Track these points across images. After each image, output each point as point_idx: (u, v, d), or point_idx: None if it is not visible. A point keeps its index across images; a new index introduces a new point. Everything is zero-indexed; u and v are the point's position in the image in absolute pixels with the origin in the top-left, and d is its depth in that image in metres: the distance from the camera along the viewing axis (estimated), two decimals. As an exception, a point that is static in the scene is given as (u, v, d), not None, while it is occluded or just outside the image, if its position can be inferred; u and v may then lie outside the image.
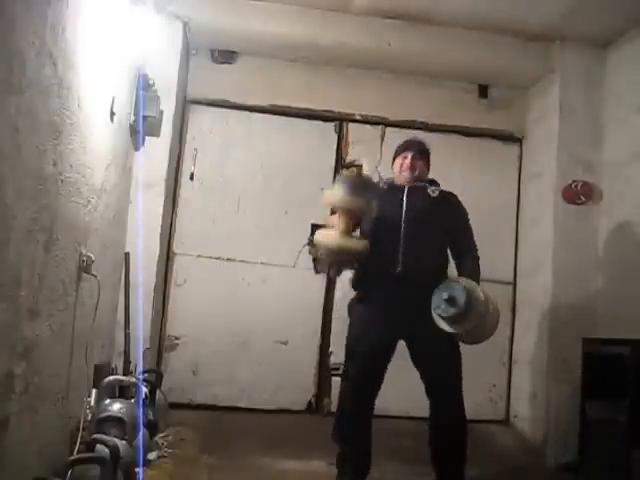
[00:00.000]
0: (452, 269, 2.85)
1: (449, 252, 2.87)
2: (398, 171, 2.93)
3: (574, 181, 3.81)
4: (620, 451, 2.82)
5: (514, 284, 4.26)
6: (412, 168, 2.89)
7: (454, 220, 2.87)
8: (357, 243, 2.68)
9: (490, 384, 4.14)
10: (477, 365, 2.79)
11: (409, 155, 2.91)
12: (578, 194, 3.80)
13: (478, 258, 2.84)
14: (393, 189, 2.90)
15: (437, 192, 2.85)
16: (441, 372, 2.71)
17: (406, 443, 3.35)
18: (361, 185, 2.70)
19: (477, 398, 2.84)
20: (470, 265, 2.80)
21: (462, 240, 2.86)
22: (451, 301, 2.54)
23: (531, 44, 3.98)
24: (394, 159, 2.99)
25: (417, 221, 2.76)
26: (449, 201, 2.89)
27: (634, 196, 3.54)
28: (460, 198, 2.94)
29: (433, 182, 2.93)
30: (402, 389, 2.77)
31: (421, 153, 2.95)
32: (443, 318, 2.57)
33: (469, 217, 2.91)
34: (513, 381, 4.17)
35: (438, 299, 2.58)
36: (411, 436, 3.38)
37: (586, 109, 3.90)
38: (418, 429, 2.90)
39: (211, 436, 3.36)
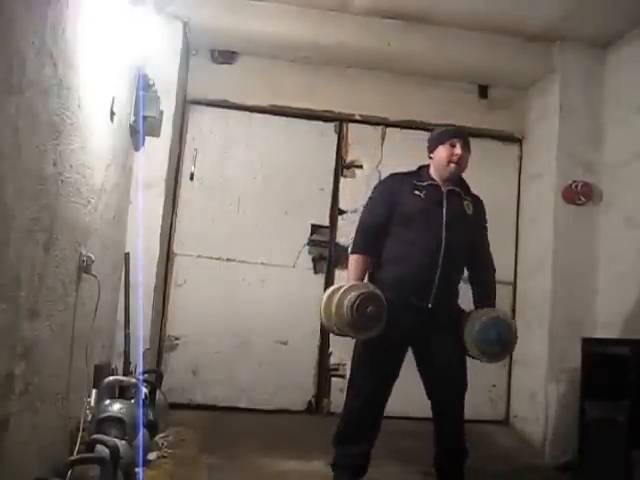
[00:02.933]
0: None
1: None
2: (445, 161, 2.67)
3: (574, 181, 3.80)
4: (620, 451, 2.82)
5: (514, 284, 4.26)
6: (462, 160, 2.68)
7: (479, 229, 2.79)
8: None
9: (490, 384, 4.14)
10: (477, 365, 2.78)
11: (458, 144, 2.67)
12: (578, 194, 3.80)
13: (495, 272, 2.82)
14: (431, 191, 2.68)
15: (471, 207, 2.73)
16: (451, 386, 2.70)
17: (406, 443, 3.35)
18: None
19: (477, 398, 2.84)
20: (491, 283, 2.80)
21: (482, 251, 2.80)
22: (499, 341, 2.62)
23: (531, 44, 3.98)
24: (437, 144, 2.73)
25: (456, 231, 2.62)
26: (478, 209, 2.78)
27: (634, 196, 3.54)
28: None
29: (464, 186, 2.78)
30: (402, 389, 2.77)
31: (468, 144, 2.73)
32: (483, 354, 2.64)
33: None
34: (513, 381, 4.17)
35: (483, 336, 2.60)
36: (411, 436, 3.38)
37: (586, 109, 3.90)
38: (418, 429, 2.91)
39: (211, 436, 3.36)
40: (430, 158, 2.79)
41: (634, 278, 3.43)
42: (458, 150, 2.67)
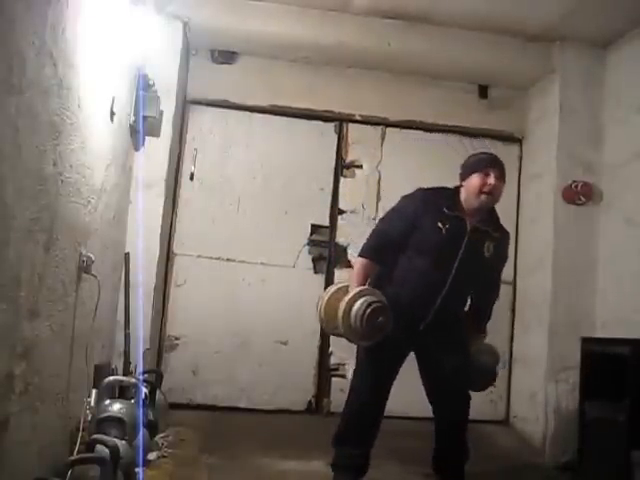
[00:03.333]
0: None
1: None
2: (478, 190, 2.57)
3: (574, 181, 3.80)
4: (619, 451, 2.82)
5: (514, 284, 4.26)
6: (495, 190, 2.59)
7: (495, 267, 2.77)
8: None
9: (490, 384, 4.14)
10: (477, 365, 2.79)
11: (492, 174, 2.58)
12: (578, 194, 3.79)
13: (497, 297, 2.90)
14: (455, 225, 2.59)
15: (492, 248, 2.65)
16: (455, 384, 2.70)
17: (406, 443, 3.34)
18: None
19: (477, 398, 2.83)
20: (489, 307, 2.86)
21: (491, 278, 2.81)
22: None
23: (531, 44, 3.98)
24: (470, 172, 2.62)
25: (465, 274, 2.60)
26: (501, 248, 2.74)
27: (634, 196, 3.54)
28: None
29: (492, 221, 2.71)
30: (402, 389, 2.77)
31: (503, 174, 2.64)
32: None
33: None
34: (513, 381, 4.16)
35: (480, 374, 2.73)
36: (411, 436, 3.38)
37: (586, 109, 3.90)
38: (418, 429, 2.91)
39: (211, 436, 3.36)
40: (461, 185, 2.67)
41: (634, 278, 3.43)
42: (492, 180, 2.57)
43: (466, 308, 2.83)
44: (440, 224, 2.57)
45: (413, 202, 2.67)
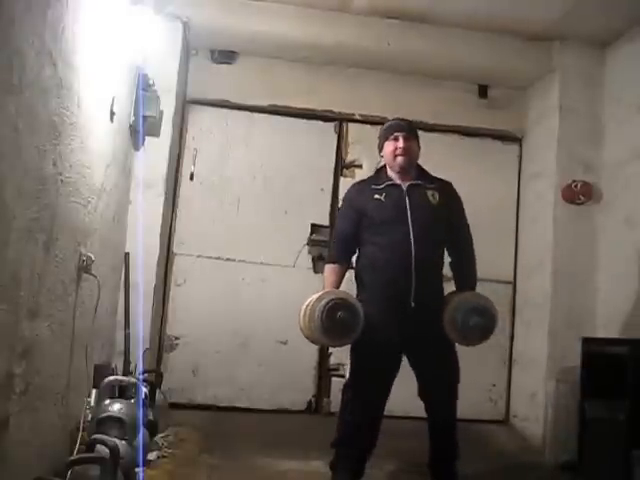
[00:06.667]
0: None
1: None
2: (391, 156, 2.74)
3: (574, 181, 3.81)
4: (619, 451, 2.82)
5: (514, 284, 4.26)
6: (406, 151, 2.72)
7: (451, 214, 2.78)
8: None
9: (490, 384, 4.14)
10: (477, 365, 2.79)
11: (400, 136, 2.73)
12: (578, 194, 3.80)
13: (474, 254, 2.83)
14: (391, 191, 2.72)
15: (437, 195, 2.74)
16: (441, 376, 2.70)
17: (406, 443, 3.34)
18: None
19: (477, 398, 2.84)
20: (471, 269, 2.82)
21: (458, 234, 2.80)
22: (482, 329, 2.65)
23: (531, 44, 3.98)
24: (383, 141, 2.81)
25: (423, 225, 2.65)
26: (446, 194, 2.78)
27: (634, 196, 3.54)
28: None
29: (426, 176, 2.81)
30: (402, 389, 2.77)
31: (411, 132, 2.79)
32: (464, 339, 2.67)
33: (463, 206, 2.87)
34: (513, 381, 4.17)
35: (463, 323, 2.62)
36: (411, 436, 3.37)
37: (586, 109, 3.90)
38: (418, 429, 2.91)
39: (211, 436, 3.36)
40: (381, 157, 2.86)
41: (634, 278, 3.43)
42: (401, 143, 2.72)
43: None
44: (377, 196, 2.71)
45: (347, 196, 2.88)
